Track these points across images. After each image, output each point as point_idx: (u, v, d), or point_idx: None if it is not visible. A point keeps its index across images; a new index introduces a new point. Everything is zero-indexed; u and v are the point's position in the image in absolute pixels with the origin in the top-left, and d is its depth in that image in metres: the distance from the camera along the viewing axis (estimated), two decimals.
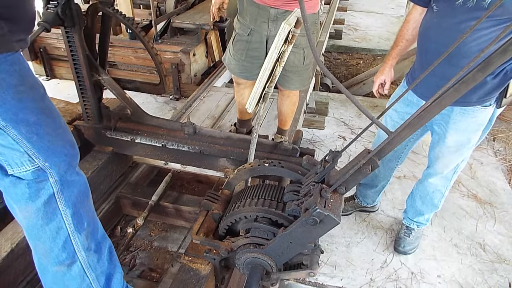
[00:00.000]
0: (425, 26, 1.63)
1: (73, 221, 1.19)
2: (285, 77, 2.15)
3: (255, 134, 1.62)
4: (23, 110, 1.02)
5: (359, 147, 3.06)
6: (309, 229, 1.12)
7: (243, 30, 2.12)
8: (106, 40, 1.90)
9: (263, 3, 1.97)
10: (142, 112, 2.04)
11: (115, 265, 1.39)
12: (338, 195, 1.11)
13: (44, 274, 1.27)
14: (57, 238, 1.18)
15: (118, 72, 4.03)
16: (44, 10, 1.57)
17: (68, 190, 1.16)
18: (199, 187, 2.61)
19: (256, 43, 2.10)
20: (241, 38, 2.15)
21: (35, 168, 1.08)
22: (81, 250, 1.23)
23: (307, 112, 3.54)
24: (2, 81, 0.97)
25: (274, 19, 1.99)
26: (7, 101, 0.98)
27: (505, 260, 2.17)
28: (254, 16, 2.03)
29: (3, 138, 1.02)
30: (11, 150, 1.04)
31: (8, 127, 1.00)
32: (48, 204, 1.14)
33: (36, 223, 1.15)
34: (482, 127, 1.72)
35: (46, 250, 1.20)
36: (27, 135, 1.04)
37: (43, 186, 1.12)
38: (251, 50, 2.13)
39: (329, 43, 6.06)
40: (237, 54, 2.19)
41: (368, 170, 1.00)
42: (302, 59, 2.09)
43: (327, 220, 1.07)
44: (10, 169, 1.08)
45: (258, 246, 1.27)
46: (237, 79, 2.36)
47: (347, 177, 1.05)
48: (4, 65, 0.97)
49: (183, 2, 4.38)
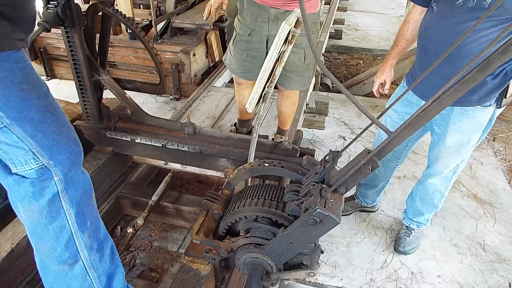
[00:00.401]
0: (425, 26, 1.63)
1: (76, 221, 1.19)
2: (285, 77, 2.15)
3: (255, 134, 1.62)
4: (27, 108, 1.02)
5: (359, 147, 3.06)
6: (309, 229, 1.12)
7: (243, 30, 2.12)
8: (106, 40, 1.90)
9: (263, 3, 1.97)
10: (142, 112, 2.04)
11: (117, 265, 1.39)
12: (338, 195, 1.11)
13: (46, 273, 1.27)
14: (60, 237, 1.18)
15: (118, 72, 4.03)
16: (44, 10, 1.57)
17: (73, 189, 1.16)
18: (199, 187, 2.61)
19: (257, 43, 2.10)
20: (241, 38, 2.15)
21: (40, 166, 1.08)
22: (83, 250, 1.23)
23: (307, 112, 3.54)
24: (5, 78, 0.97)
25: (275, 19, 1.99)
26: (11, 98, 0.98)
27: (505, 260, 2.17)
28: (254, 16, 2.03)
29: (7, 136, 1.01)
30: (15, 148, 1.04)
31: (13, 125, 1.00)
32: (52, 203, 1.13)
33: (39, 222, 1.15)
34: (482, 127, 1.72)
35: (49, 249, 1.19)
36: (32, 132, 1.04)
37: (47, 184, 1.11)
38: (251, 50, 2.13)
39: (329, 43, 6.06)
40: (237, 54, 2.19)
41: (368, 170, 1.00)
42: (302, 59, 2.09)
43: (327, 220, 1.07)
44: (14, 168, 1.08)
45: (258, 246, 1.27)
46: (237, 79, 2.36)
47: (347, 177, 1.05)
48: (7, 62, 0.97)
49: (183, 2, 4.38)
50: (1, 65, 0.95)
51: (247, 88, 2.39)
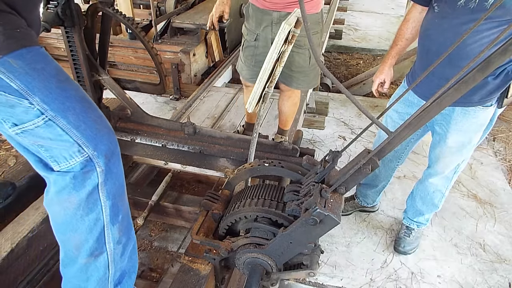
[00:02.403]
0: (426, 26, 1.63)
1: (110, 213, 1.16)
2: (292, 77, 2.18)
3: (255, 134, 1.62)
4: (68, 99, 1.00)
5: (359, 147, 3.06)
6: (309, 229, 1.12)
7: (250, 36, 2.18)
8: (106, 40, 1.90)
9: (265, 7, 2.01)
10: (142, 112, 2.03)
11: (133, 265, 1.37)
12: (338, 195, 1.11)
13: (70, 266, 1.24)
14: (94, 230, 1.16)
15: (118, 72, 4.03)
16: (44, 10, 1.57)
17: (111, 181, 1.14)
18: (199, 187, 2.61)
19: (263, 47, 2.15)
20: (249, 44, 2.20)
21: (84, 158, 1.05)
22: (110, 242, 1.21)
23: (307, 112, 3.54)
24: (43, 70, 0.96)
25: (277, 22, 2.01)
26: (52, 90, 0.97)
27: (505, 260, 2.17)
28: (258, 22, 2.08)
29: (51, 131, 0.99)
30: (60, 142, 1.01)
31: (57, 117, 0.98)
32: (92, 194, 1.11)
33: (75, 214, 1.12)
34: (483, 127, 1.72)
35: (81, 242, 1.17)
36: (76, 123, 1.01)
37: (89, 176, 1.08)
38: (258, 55, 2.18)
39: (329, 43, 6.06)
40: (247, 60, 2.25)
41: (368, 170, 1.00)
42: (307, 59, 2.11)
43: (327, 220, 1.07)
44: (57, 166, 1.05)
45: (258, 246, 1.27)
46: (245, 82, 2.41)
47: (347, 177, 1.05)
48: (40, 56, 0.97)
49: (183, 2, 4.38)
50: (35, 58, 0.96)
51: None
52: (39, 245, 1.70)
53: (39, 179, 2.00)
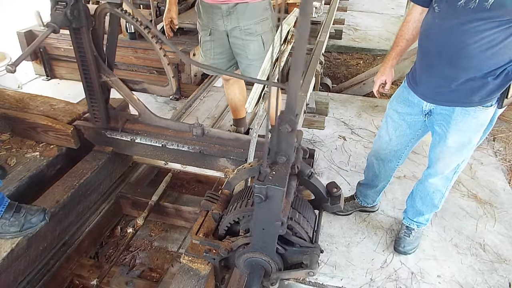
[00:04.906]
0: (426, 26, 1.63)
1: None
2: (250, 66, 2.27)
3: (255, 134, 1.62)
4: None
5: (359, 147, 3.06)
6: (265, 208, 1.10)
7: (205, 31, 2.30)
8: (114, 41, 1.88)
9: (214, 2, 2.12)
10: (149, 113, 2.02)
11: None
12: (280, 166, 1.09)
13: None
14: None
15: (117, 72, 3.99)
16: (52, 11, 1.56)
17: None
18: (199, 187, 2.61)
19: (219, 39, 2.27)
20: (205, 39, 2.33)
21: None
22: None
23: (307, 112, 3.54)
24: None
25: (227, 14, 2.13)
26: None
27: (505, 260, 2.17)
28: (210, 16, 2.20)
29: None
30: None
31: None
32: None
33: None
34: (484, 128, 1.72)
35: None
36: None
37: None
38: (216, 47, 2.31)
39: (329, 43, 6.05)
40: (206, 55, 2.38)
41: (287, 128, 0.98)
42: (262, 45, 2.21)
43: (272, 193, 1.05)
44: None
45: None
46: (223, 76, 2.55)
47: (274, 143, 1.05)
48: None
49: (183, 2, 4.38)
50: None
51: (236, 83, 2.49)
52: (39, 245, 1.70)
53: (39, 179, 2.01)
